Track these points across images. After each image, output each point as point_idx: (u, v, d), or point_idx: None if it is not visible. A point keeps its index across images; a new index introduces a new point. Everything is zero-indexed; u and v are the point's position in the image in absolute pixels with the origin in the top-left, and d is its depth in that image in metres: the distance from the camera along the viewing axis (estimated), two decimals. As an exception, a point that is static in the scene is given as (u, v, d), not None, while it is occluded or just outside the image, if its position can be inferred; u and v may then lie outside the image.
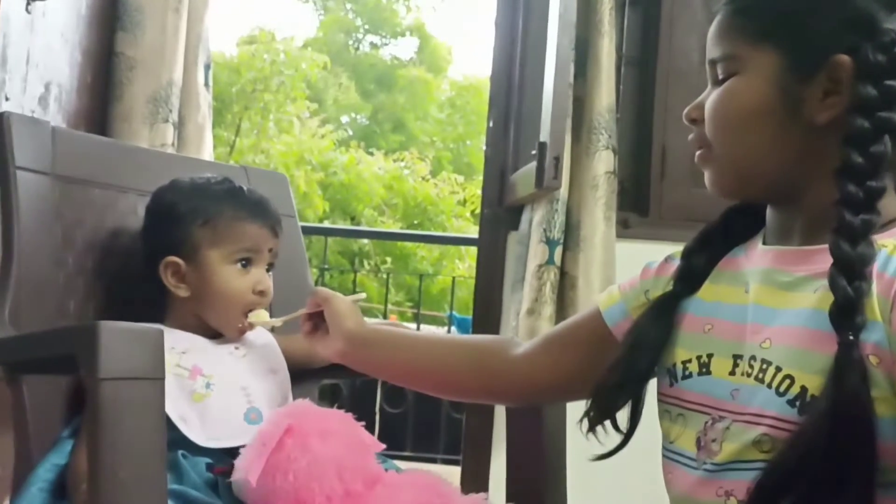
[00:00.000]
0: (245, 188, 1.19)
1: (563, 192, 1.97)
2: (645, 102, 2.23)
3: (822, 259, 0.72)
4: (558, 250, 1.96)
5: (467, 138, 13.14)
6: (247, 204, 1.16)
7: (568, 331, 0.99)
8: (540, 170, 1.88)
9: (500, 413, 2.12)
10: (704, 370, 0.80)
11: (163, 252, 1.13)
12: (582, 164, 1.99)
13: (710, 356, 0.80)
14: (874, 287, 0.69)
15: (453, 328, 4.04)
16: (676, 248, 2.30)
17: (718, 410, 0.77)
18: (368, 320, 1.10)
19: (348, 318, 1.02)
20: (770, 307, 0.77)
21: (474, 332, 2.25)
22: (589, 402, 0.87)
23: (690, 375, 0.81)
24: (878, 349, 0.67)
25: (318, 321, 1.06)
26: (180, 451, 0.98)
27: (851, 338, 0.67)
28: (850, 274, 0.68)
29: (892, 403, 0.67)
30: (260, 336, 1.20)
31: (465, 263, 9.24)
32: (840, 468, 0.65)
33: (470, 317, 4.39)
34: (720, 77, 0.80)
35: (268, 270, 1.18)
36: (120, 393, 0.67)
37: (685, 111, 0.85)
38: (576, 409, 1.13)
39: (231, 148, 9.10)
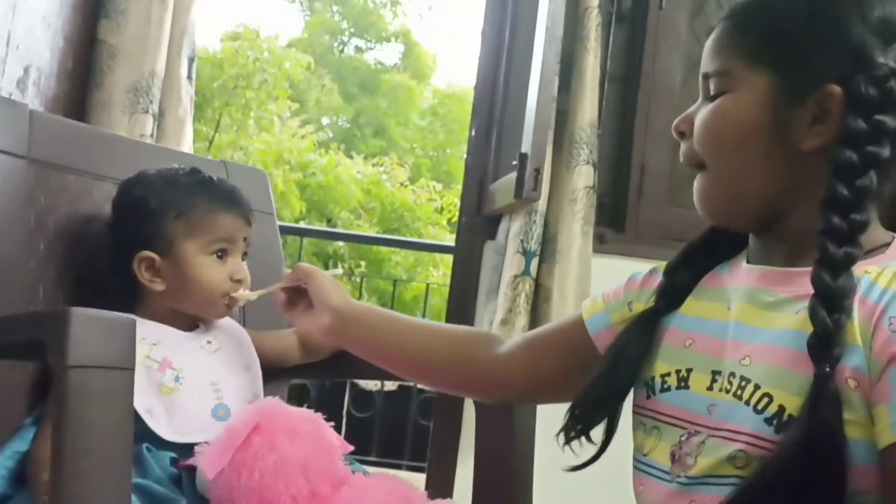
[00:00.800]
0: (215, 178, 1.18)
1: (542, 204, 1.98)
2: (626, 119, 2.25)
3: (804, 282, 0.73)
4: (534, 262, 1.97)
5: (447, 146, 13.14)
6: (220, 195, 1.15)
7: (549, 335, 0.99)
8: (520, 181, 1.88)
9: (467, 421, 2.12)
10: (683, 384, 0.80)
11: (136, 247, 1.11)
12: (562, 177, 2.00)
13: (689, 371, 0.80)
14: (856, 312, 0.70)
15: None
16: (651, 265, 2.32)
17: (695, 425, 0.77)
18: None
19: (334, 293, 1.01)
20: (751, 325, 0.77)
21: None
22: (567, 415, 0.87)
23: (669, 389, 0.81)
24: (857, 373, 0.68)
25: (294, 297, 1.05)
26: (145, 445, 0.96)
27: (828, 369, 0.67)
28: (829, 305, 0.69)
29: (866, 427, 0.68)
30: (235, 332, 1.19)
31: (439, 271, 9.21)
32: (811, 495, 0.66)
33: (442, 324, 4.40)
34: (712, 92, 0.80)
35: (242, 259, 1.17)
36: (88, 382, 0.66)
37: (674, 123, 0.85)
38: (545, 419, 1.13)
39: (210, 143, 9.03)
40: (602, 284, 2.01)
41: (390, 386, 3.65)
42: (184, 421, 1.03)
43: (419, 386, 3.45)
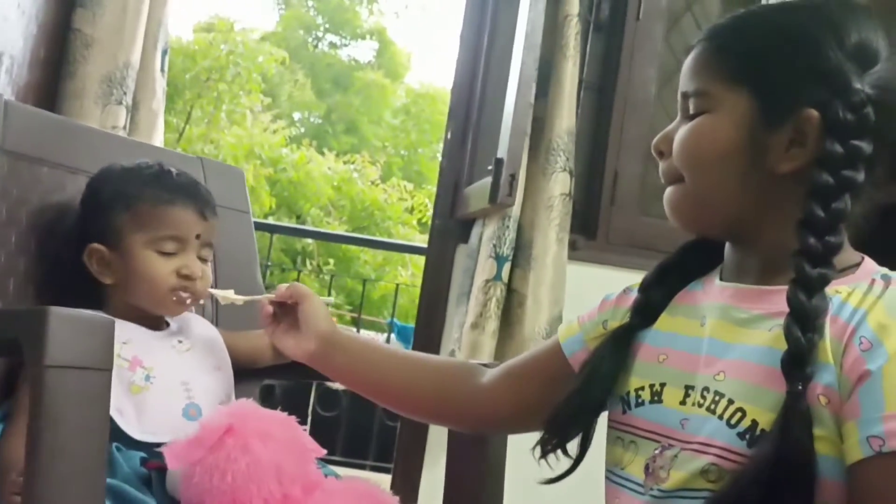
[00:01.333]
0: (174, 171, 1.15)
1: (516, 209, 1.98)
2: (600, 128, 2.26)
3: (777, 299, 0.74)
4: (506, 267, 1.98)
5: (419, 146, 13.14)
6: (170, 187, 1.11)
7: (528, 362, 0.99)
8: (495, 186, 1.89)
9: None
10: (656, 398, 0.81)
11: (88, 239, 1.10)
12: (538, 183, 2.01)
13: (662, 385, 0.81)
14: (827, 331, 0.71)
15: (393, 336, 4.03)
16: (622, 274, 2.34)
17: (668, 438, 0.78)
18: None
19: (323, 320, 1.01)
20: (725, 341, 0.78)
21: (416, 341, 2.24)
22: (543, 429, 0.88)
23: (643, 403, 0.82)
24: (829, 390, 0.69)
25: (280, 313, 1.04)
26: (114, 444, 0.95)
27: (800, 387, 0.68)
28: (804, 324, 0.70)
29: (836, 443, 0.69)
30: (207, 331, 1.18)
31: (407, 271, 9.21)
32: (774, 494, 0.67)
33: (410, 325, 4.39)
34: (691, 112, 0.81)
35: (204, 259, 1.14)
36: (65, 382, 0.65)
37: (654, 142, 0.86)
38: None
39: (180, 135, 8.92)
40: (573, 291, 2.04)
41: (357, 385, 3.64)
42: (154, 420, 1.02)
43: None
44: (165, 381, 1.06)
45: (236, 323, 1.28)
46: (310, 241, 9.12)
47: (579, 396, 0.86)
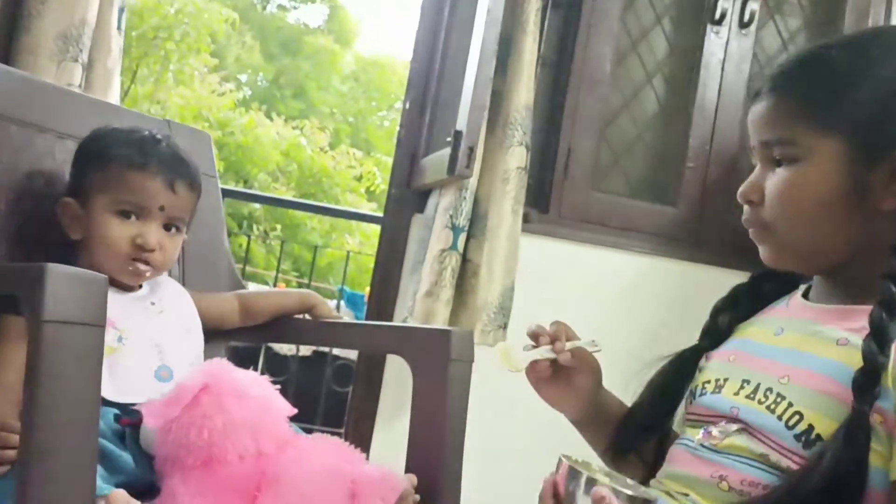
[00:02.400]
0: (164, 141, 1.14)
1: (473, 181, 2.03)
2: (556, 104, 2.32)
3: (853, 318, 0.80)
4: (462, 237, 2.02)
5: (367, 114, 13.05)
6: (146, 153, 1.10)
7: None
8: (453, 157, 1.92)
9: (385, 389, 2.18)
10: (718, 390, 0.88)
11: (67, 193, 1.11)
12: (495, 156, 2.05)
13: (725, 380, 0.88)
14: (892, 356, 0.75)
15: (342, 302, 4.05)
16: (573, 247, 2.40)
17: (724, 418, 0.85)
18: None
19: (599, 386, 1.02)
20: (797, 350, 0.83)
21: (369, 308, 2.28)
22: (614, 436, 0.96)
23: (705, 394, 0.89)
24: (884, 412, 0.75)
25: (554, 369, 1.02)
26: (93, 402, 0.97)
27: (867, 408, 0.73)
28: (882, 344, 0.74)
29: (885, 457, 0.75)
30: (178, 293, 1.19)
31: (355, 238, 9.20)
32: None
33: (360, 293, 4.42)
34: (777, 158, 0.82)
35: (171, 233, 1.12)
36: (62, 337, 0.67)
37: (742, 191, 0.86)
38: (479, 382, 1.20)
39: (125, 94, 8.71)
40: (526, 263, 2.10)
41: (305, 351, 3.66)
42: (126, 381, 1.04)
43: (335, 352, 3.48)
44: (137, 343, 1.08)
45: (203, 284, 1.30)
46: (257, 206, 9.03)
47: (646, 410, 0.94)
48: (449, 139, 1.95)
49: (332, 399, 3.33)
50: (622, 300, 2.21)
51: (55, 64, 1.86)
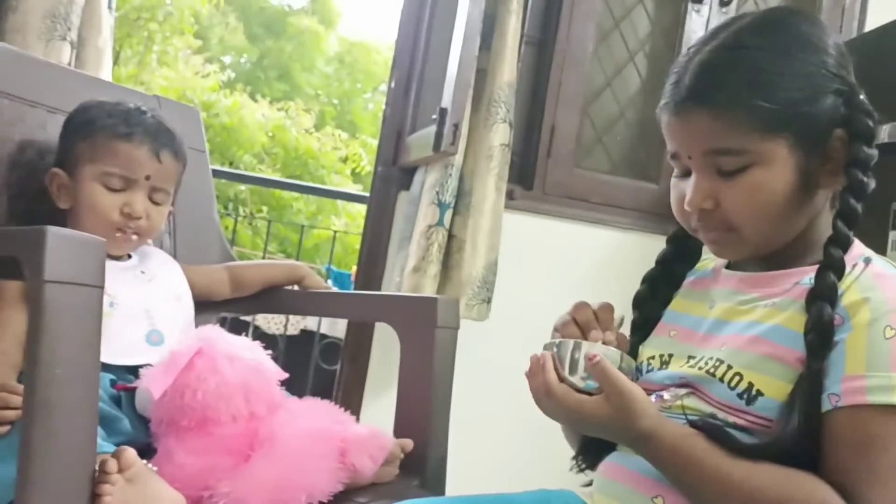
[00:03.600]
0: (149, 112, 1.17)
1: (458, 158, 2.05)
2: (539, 82, 2.34)
3: (774, 283, 0.86)
4: (448, 213, 2.05)
5: (353, 96, 12.99)
6: (132, 123, 1.12)
7: None
8: (439, 135, 1.95)
9: (373, 366, 2.21)
10: (664, 366, 0.92)
11: (56, 164, 1.14)
12: (479, 133, 2.08)
13: (670, 356, 0.92)
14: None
15: (330, 281, 4.08)
16: (557, 223, 2.44)
17: (672, 387, 0.89)
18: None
19: None
20: (727, 321, 0.89)
21: (357, 284, 2.31)
22: (580, 448, 0.98)
23: (652, 370, 0.93)
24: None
25: None
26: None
27: (819, 366, 0.78)
28: (833, 304, 0.79)
29: None
30: (167, 263, 1.22)
31: (341, 220, 9.20)
32: (806, 456, 0.78)
33: (346, 272, 4.44)
34: (729, 169, 0.84)
35: (157, 202, 1.15)
36: (62, 296, 0.70)
37: (693, 201, 0.86)
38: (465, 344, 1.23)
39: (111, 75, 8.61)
40: (509, 239, 2.13)
41: (293, 330, 3.69)
42: (118, 344, 1.07)
43: (322, 331, 3.51)
44: (128, 308, 1.11)
45: (194, 257, 1.33)
46: (243, 187, 9.01)
47: None
48: (434, 117, 1.98)
49: (320, 377, 3.36)
50: (604, 274, 2.25)
51: (43, 43, 1.87)
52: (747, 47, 0.83)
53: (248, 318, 3.46)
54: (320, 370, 3.40)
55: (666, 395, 0.89)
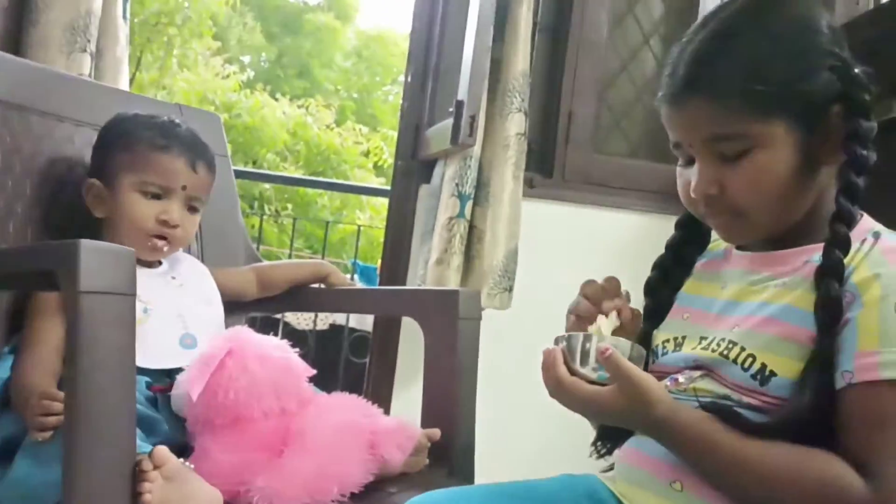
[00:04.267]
0: (182, 125, 1.22)
1: (476, 149, 2.07)
2: (555, 69, 2.35)
3: (783, 261, 0.87)
4: (469, 205, 2.07)
5: (372, 89, 13.04)
6: (169, 136, 1.17)
7: None
8: (456, 127, 1.97)
9: (401, 358, 2.24)
10: (677, 348, 0.93)
11: (91, 175, 1.18)
12: (495, 124, 2.09)
13: (683, 338, 0.93)
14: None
15: (356, 276, 4.12)
16: (578, 209, 2.44)
17: (686, 370, 0.90)
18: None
19: None
20: (739, 301, 0.90)
21: (382, 278, 2.34)
22: (598, 433, 1.00)
23: (667, 353, 0.94)
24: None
25: None
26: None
27: (830, 342, 0.79)
28: (840, 278, 0.80)
29: None
30: (197, 268, 1.26)
31: (365, 214, 9.26)
32: (822, 430, 0.78)
33: (372, 265, 4.48)
34: (730, 154, 0.85)
35: (192, 211, 1.19)
36: (97, 306, 0.74)
37: (699, 188, 0.87)
38: (489, 341, 1.25)
39: (131, 81, 8.73)
40: (531, 227, 2.15)
41: (322, 326, 3.74)
42: (153, 348, 1.11)
43: (351, 325, 3.56)
44: (162, 313, 1.14)
45: (221, 260, 1.36)
46: (267, 186, 9.10)
47: None
48: (451, 109, 2.00)
49: (350, 370, 3.40)
50: (627, 257, 2.25)
51: (65, 55, 1.91)
52: (738, 33, 0.85)
53: (277, 316, 3.52)
54: (350, 364, 3.44)
55: (680, 378, 0.90)
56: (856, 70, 0.85)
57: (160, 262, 1.23)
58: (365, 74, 13.06)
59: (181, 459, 0.88)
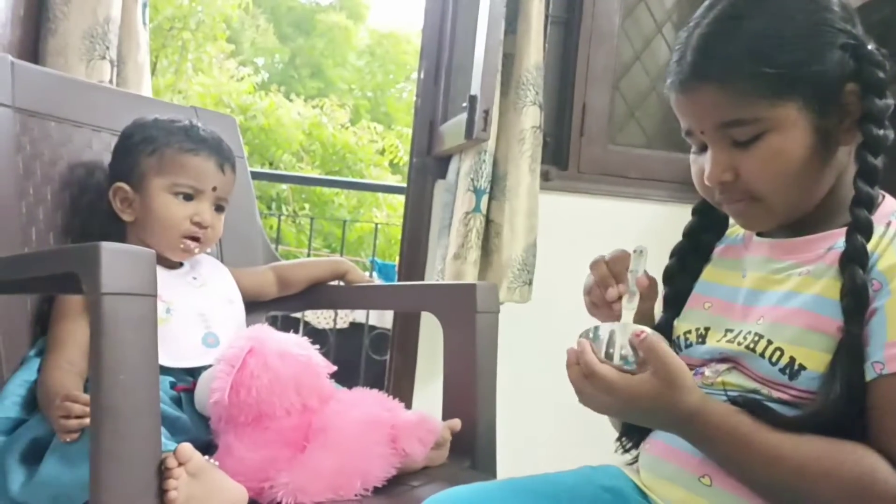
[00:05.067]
0: (200, 126, 1.24)
1: (491, 143, 2.07)
2: (568, 61, 2.34)
3: (806, 248, 0.86)
4: (484, 199, 2.07)
5: (386, 88, 13.05)
6: (195, 138, 1.20)
7: None
8: (470, 122, 1.97)
9: (422, 353, 2.25)
10: (701, 340, 0.92)
11: (116, 179, 1.19)
12: (510, 117, 2.09)
13: (707, 329, 0.92)
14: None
15: (374, 273, 4.14)
16: (594, 201, 2.43)
17: (712, 363, 0.89)
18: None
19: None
20: (763, 291, 0.88)
21: (400, 274, 2.35)
22: (623, 428, 0.98)
23: (691, 345, 0.93)
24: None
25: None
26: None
27: (858, 329, 0.77)
28: (863, 264, 0.79)
29: None
30: (217, 268, 1.27)
31: (382, 212, 9.28)
32: (853, 423, 0.77)
33: (391, 263, 4.49)
34: (743, 139, 0.83)
35: (218, 211, 1.22)
36: (119, 307, 0.75)
37: (713, 175, 0.86)
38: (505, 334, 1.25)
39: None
40: (547, 220, 2.15)
41: (342, 324, 3.76)
42: (176, 348, 1.12)
43: (371, 322, 3.57)
44: (184, 313, 1.16)
45: (241, 260, 1.38)
46: (284, 186, 9.14)
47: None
48: (465, 104, 2.00)
49: (372, 367, 3.42)
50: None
51: (84, 63, 1.93)
52: (744, 16, 0.83)
53: (297, 315, 3.54)
54: (371, 361, 3.46)
55: (707, 372, 0.89)
56: (869, 47, 0.83)
57: (181, 264, 1.24)
58: (378, 73, 13.07)
59: (206, 457, 0.89)
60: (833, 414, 0.77)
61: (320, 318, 3.75)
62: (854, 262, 0.79)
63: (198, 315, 1.17)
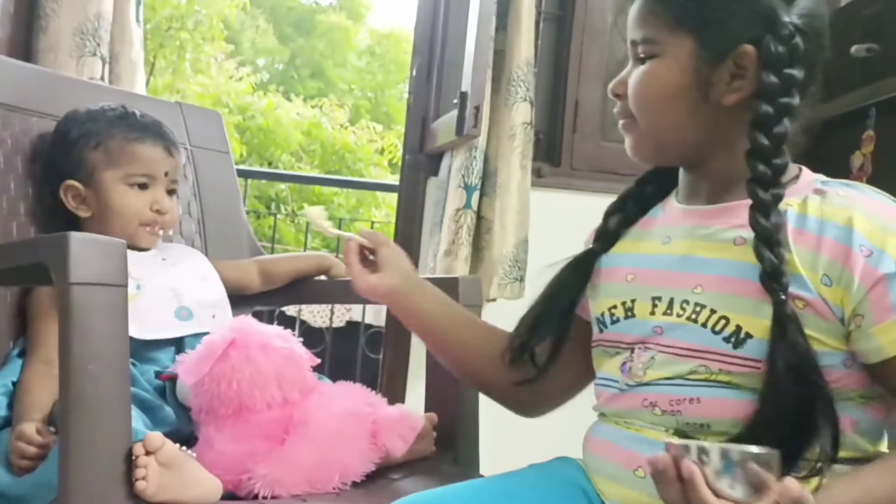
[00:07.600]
0: (137, 112, 1.23)
1: (482, 140, 2.07)
2: (560, 58, 2.34)
3: (730, 214, 0.86)
4: (475, 195, 2.07)
5: (386, 88, 13.04)
6: (137, 126, 1.20)
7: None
8: (461, 118, 1.97)
9: (415, 350, 2.25)
10: (630, 314, 0.91)
11: (61, 177, 1.18)
12: (501, 114, 2.09)
13: (633, 301, 0.91)
14: (791, 243, 0.80)
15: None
16: (587, 198, 2.43)
17: (644, 344, 0.88)
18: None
19: (405, 262, 1.05)
20: (698, 257, 0.87)
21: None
22: (511, 335, 0.99)
23: (618, 320, 0.92)
24: (803, 297, 0.80)
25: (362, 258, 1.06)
26: (130, 360, 1.05)
27: (782, 297, 0.78)
28: (770, 243, 0.79)
29: (823, 339, 0.80)
30: (188, 251, 1.28)
31: (381, 211, 9.28)
32: (807, 402, 0.76)
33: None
34: (641, 57, 0.88)
35: (171, 194, 1.22)
36: (88, 297, 0.75)
37: (610, 86, 0.93)
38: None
39: (145, 86, 8.79)
40: (540, 217, 2.14)
41: (338, 323, 3.75)
42: (148, 321, 1.11)
43: (367, 321, 3.57)
44: (154, 288, 1.16)
45: (223, 253, 1.37)
46: (283, 186, 9.14)
47: (541, 306, 0.98)
48: (456, 101, 2.00)
49: (368, 366, 3.41)
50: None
51: (75, 60, 1.92)
52: None
53: (293, 314, 3.54)
54: (367, 360, 3.45)
55: (633, 368, 0.87)
56: (784, 20, 0.83)
57: (148, 250, 1.24)
58: (378, 73, 13.06)
59: (182, 447, 0.88)
60: (788, 392, 0.76)
61: (317, 316, 3.74)
62: (764, 246, 0.79)
63: (169, 290, 1.17)
